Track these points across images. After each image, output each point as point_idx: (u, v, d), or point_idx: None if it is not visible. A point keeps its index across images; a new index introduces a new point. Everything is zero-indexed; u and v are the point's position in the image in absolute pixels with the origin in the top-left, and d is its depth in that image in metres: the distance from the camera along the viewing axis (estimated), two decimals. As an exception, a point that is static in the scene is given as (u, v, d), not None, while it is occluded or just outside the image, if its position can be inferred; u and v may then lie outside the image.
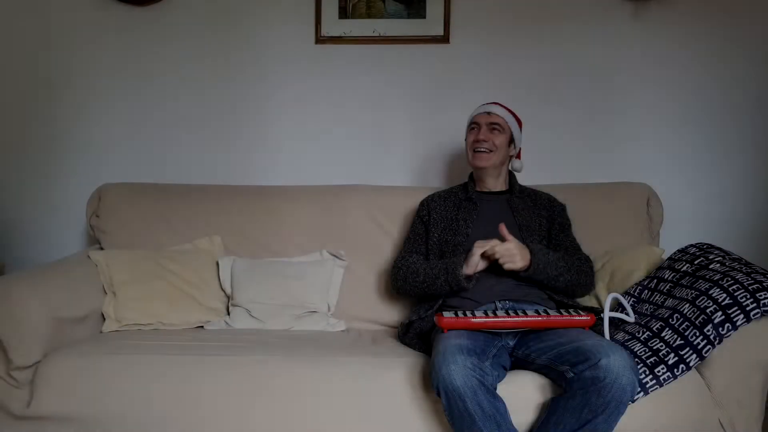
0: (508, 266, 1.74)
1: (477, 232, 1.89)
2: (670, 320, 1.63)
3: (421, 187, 2.34)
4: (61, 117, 2.53)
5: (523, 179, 2.10)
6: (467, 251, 1.80)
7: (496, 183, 2.00)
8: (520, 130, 2.03)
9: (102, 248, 2.24)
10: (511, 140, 1.98)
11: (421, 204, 2.05)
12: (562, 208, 2.02)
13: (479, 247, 1.75)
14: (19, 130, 2.54)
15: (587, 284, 1.88)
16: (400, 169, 2.51)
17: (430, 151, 2.50)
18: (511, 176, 2.04)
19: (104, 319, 2.02)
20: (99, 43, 2.50)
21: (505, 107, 2.00)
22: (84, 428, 1.65)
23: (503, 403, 1.45)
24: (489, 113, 1.97)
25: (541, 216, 1.95)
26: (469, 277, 1.77)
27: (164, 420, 1.63)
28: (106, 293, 2.05)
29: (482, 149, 1.93)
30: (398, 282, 1.94)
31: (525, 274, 1.76)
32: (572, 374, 1.45)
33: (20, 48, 2.52)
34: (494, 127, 1.94)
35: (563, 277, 1.79)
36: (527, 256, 1.75)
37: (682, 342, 1.57)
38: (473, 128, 1.98)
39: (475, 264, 1.76)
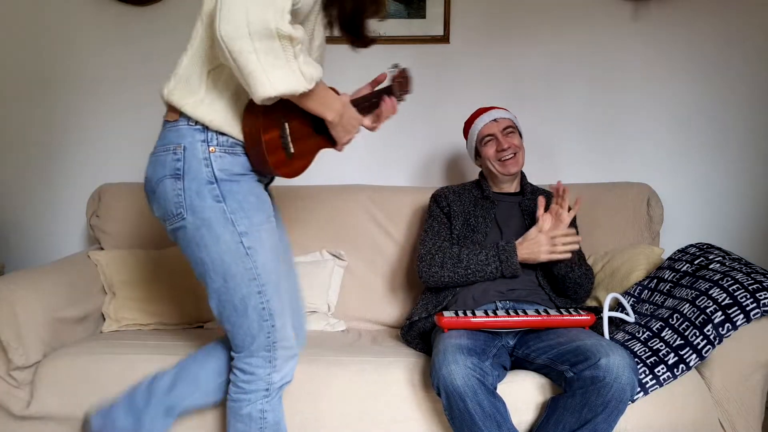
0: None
1: (492, 232, 1.89)
2: (670, 320, 1.63)
3: (421, 187, 2.34)
4: (61, 117, 2.53)
5: (523, 179, 2.10)
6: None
7: (510, 185, 1.98)
8: None
9: (102, 248, 2.24)
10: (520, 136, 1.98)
11: (438, 196, 1.99)
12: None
13: (547, 258, 1.76)
14: (19, 130, 2.54)
15: (587, 291, 1.88)
16: (400, 169, 2.51)
17: (430, 151, 2.50)
18: (522, 177, 2.03)
19: (104, 319, 2.02)
20: (99, 43, 2.50)
21: (501, 108, 2.00)
22: (84, 428, 1.66)
23: (503, 402, 1.45)
24: (496, 120, 1.95)
25: None
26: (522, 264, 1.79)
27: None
28: (106, 293, 2.05)
29: (508, 156, 1.91)
30: (433, 268, 1.81)
31: None
32: (572, 374, 1.45)
33: (20, 48, 2.52)
34: (509, 130, 1.93)
35: (577, 270, 1.80)
36: None
37: (682, 342, 1.57)
38: (489, 141, 1.94)
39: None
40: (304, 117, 1.29)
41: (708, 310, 1.57)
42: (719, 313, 1.55)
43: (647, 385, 1.54)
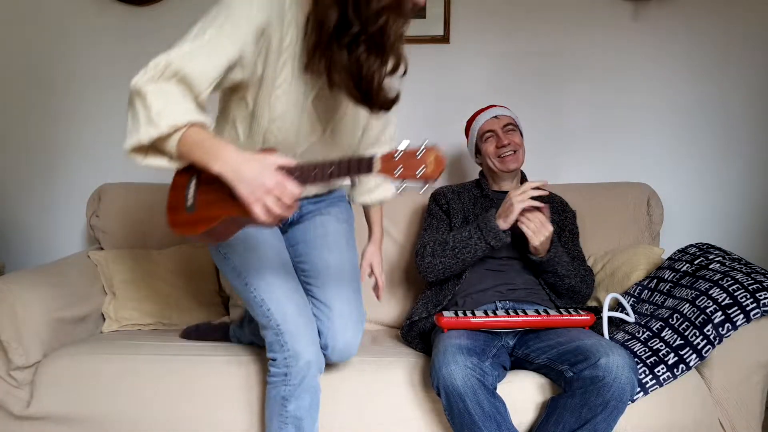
0: (533, 239, 1.69)
1: None
2: (670, 320, 1.63)
3: (420, 187, 2.34)
4: (61, 117, 2.53)
5: (523, 179, 2.10)
6: (495, 207, 1.78)
7: (510, 183, 1.99)
8: None
9: (102, 248, 2.24)
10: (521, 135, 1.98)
11: (437, 195, 2.00)
12: (573, 214, 2.00)
13: (519, 202, 1.68)
14: (19, 131, 2.54)
15: (586, 295, 1.88)
16: (400, 169, 2.50)
17: (430, 151, 2.49)
18: (522, 177, 2.03)
19: (104, 319, 2.02)
20: (99, 43, 2.50)
21: (502, 106, 2.00)
22: (84, 428, 1.65)
23: (503, 402, 1.45)
24: (497, 117, 1.96)
25: (552, 221, 1.91)
26: (505, 231, 1.72)
27: (164, 420, 1.63)
28: (107, 293, 2.05)
29: (508, 152, 1.91)
30: (426, 258, 1.81)
31: (538, 259, 1.76)
32: (572, 373, 1.45)
33: (20, 48, 2.52)
34: (509, 128, 1.94)
35: (568, 280, 1.79)
36: (548, 245, 1.74)
37: (682, 342, 1.57)
38: (489, 137, 1.95)
39: (513, 219, 1.70)
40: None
41: (708, 310, 1.57)
42: (719, 313, 1.55)
43: (647, 385, 1.54)
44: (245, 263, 1.47)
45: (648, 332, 1.65)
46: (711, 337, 1.54)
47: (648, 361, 1.57)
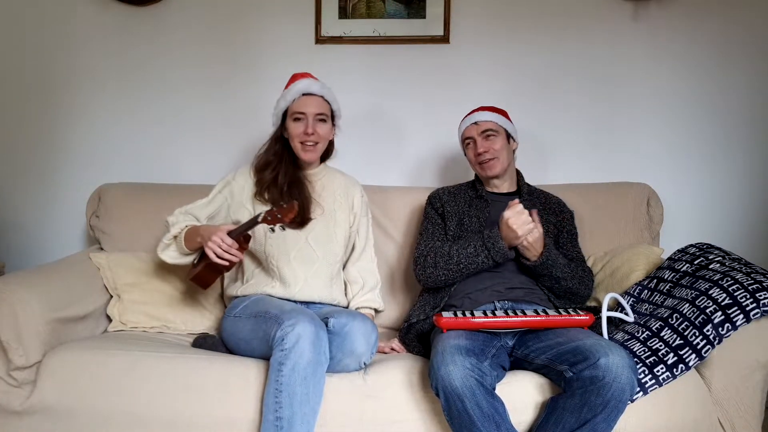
0: (523, 251, 1.77)
1: None
2: (670, 320, 1.63)
3: (420, 187, 2.34)
4: (61, 117, 2.54)
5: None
6: (494, 223, 1.81)
7: (503, 184, 1.99)
8: (510, 121, 2.01)
9: (102, 248, 2.24)
10: (509, 137, 1.98)
11: (433, 197, 2.02)
12: (571, 215, 2.00)
13: (524, 231, 1.73)
14: (19, 131, 2.55)
15: (584, 296, 1.89)
16: (399, 169, 2.51)
17: (430, 151, 2.50)
18: (519, 177, 2.03)
19: (110, 320, 2.02)
20: (99, 43, 2.50)
21: (488, 108, 1.99)
22: (85, 425, 1.65)
23: (502, 403, 1.45)
24: (476, 123, 1.96)
25: (550, 222, 1.93)
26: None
27: (166, 417, 1.62)
28: (112, 296, 2.04)
29: (486, 159, 1.92)
30: (428, 269, 1.84)
31: (531, 264, 1.77)
32: (571, 374, 1.45)
33: (20, 48, 2.52)
34: (488, 134, 1.94)
35: (565, 283, 1.80)
36: (541, 249, 1.76)
37: (682, 342, 1.57)
38: (468, 144, 1.97)
39: (515, 244, 1.76)
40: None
41: (708, 310, 1.57)
42: (719, 313, 1.55)
43: (647, 385, 1.54)
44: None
45: (647, 332, 1.65)
46: (711, 337, 1.54)
47: (647, 361, 1.57)
